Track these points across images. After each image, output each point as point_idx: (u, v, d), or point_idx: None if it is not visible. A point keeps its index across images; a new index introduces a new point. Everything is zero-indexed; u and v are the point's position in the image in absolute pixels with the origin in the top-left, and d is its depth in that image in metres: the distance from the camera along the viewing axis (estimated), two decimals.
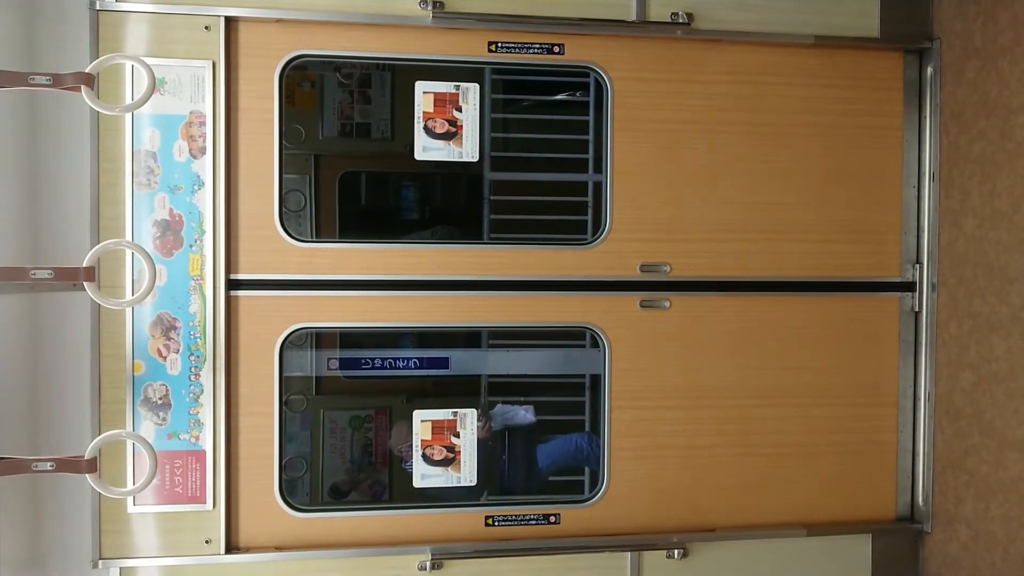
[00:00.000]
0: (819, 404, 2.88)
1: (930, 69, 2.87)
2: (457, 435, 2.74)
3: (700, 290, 2.80)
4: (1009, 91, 2.57)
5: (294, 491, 2.95)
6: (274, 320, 2.61)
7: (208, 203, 2.52)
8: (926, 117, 2.88)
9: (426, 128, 2.70)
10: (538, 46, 2.71)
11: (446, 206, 3.55)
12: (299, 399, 3.18)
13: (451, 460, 2.74)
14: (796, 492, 2.87)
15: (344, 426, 3.29)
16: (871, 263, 2.90)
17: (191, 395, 2.53)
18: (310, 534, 2.65)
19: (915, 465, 2.92)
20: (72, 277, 2.19)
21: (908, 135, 2.90)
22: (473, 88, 2.72)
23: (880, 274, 2.91)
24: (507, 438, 3.13)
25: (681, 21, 2.71)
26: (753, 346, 2.84)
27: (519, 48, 2.70)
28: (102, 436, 2.30)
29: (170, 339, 2.51)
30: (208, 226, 2.52)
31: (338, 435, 3.29)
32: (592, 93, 2.85)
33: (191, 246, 2.52)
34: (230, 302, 2.57)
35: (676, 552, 2.75)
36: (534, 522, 2.76)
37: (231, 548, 2.58)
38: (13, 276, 2.15)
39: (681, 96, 2.78)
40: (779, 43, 2.79)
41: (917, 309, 2.91)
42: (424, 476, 2.74)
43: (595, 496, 2.79)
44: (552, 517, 2.77)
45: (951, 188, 2.81)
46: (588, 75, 2.78)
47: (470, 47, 2.68)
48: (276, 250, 2.61)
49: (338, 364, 3.22)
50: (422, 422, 2.73)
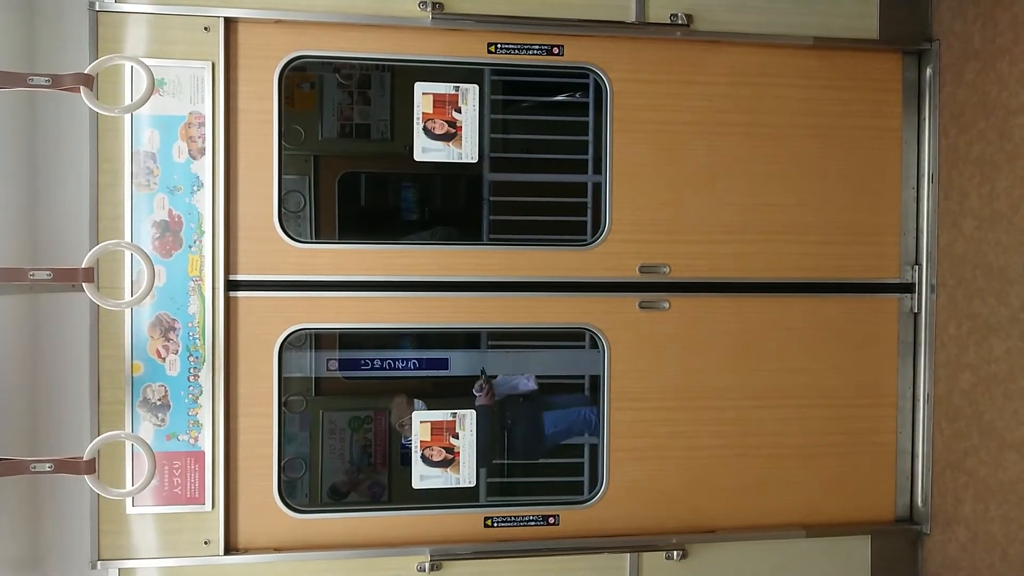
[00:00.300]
0: (818, 405, 2.88)
1: (929, 70, 2.87)
2: (456, 436, 2.74)
3: (699, 291, 2.80)
4: (1008, 92, 2.57)
5: (293, 492, 2.95)
6: (273, 321, 2.61)
7: (207, 204, 2.51)
8: (925, 118, 2.88)
9: (425, 129, 2.70)
10: (537, 47, 2.71)
11: (445, 207, 3.55)
12: (298, 400, 3.18)
13: (450, 461, 2.74)
14: (795, 493, 2.87)
15: (343, 427, 3.29)
16: (870, 264, 2.90)
17: (190, 396, 2.53)
18: (309, 535, 2.64)
19: (914, 466, 2.92)
20: (71, 278, 2.19)
21: (907, 136, 2.90)
22: (472, 89, 2.71)
23: (879, 275, 2.91)
24: (510, 406, 3.13)
25: (680, 22, 2.72)
26: (752, 347, 2.84)
27: (518, 49, 2.70)
28: (101, 437, 2.29)
29: (169, 340, 2.51)
30: (207, 227, 2.52)
31: (337, 436, 3.29)
32: (591, 94, 2.85)
33: (190, 247, 2.51)
34: (229, 303, 2.57)
35: (675, 553, 2.75)
36: (533, 523, 2.76)
37: (230, 549, 2.58)
38: (12, 277, 2.15)
39: (680, 97, 2.78)
40: (778, 44, 2.79)
41: (916, 310, 2.91)
42: (423, 477, 2.74)
43: (594, 497, 2.79)
44: (551, 518, 2.77)
45: (950, 189, 2.81)
46: (587, 76, 2.78)
47: (469, 48, 2.68)
48: (275, 251, 2.60)
49: (337, 365, 3.22)
50: (421, 423, 2.73)
